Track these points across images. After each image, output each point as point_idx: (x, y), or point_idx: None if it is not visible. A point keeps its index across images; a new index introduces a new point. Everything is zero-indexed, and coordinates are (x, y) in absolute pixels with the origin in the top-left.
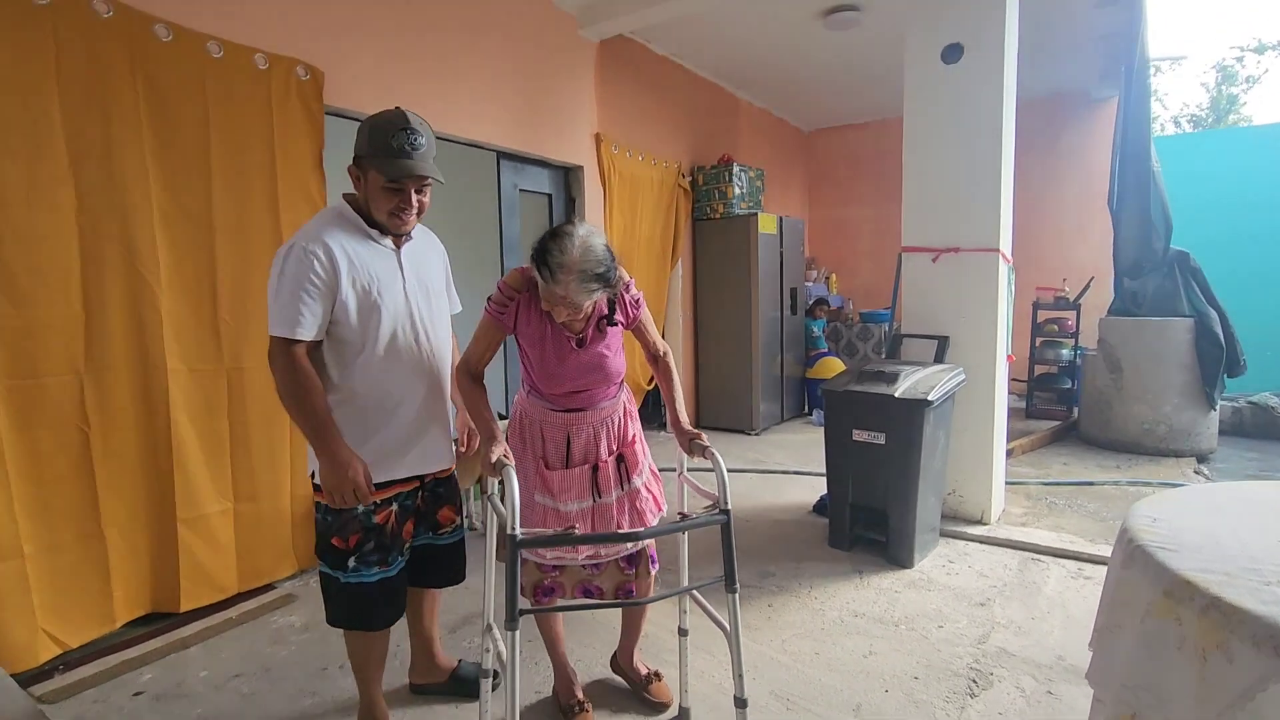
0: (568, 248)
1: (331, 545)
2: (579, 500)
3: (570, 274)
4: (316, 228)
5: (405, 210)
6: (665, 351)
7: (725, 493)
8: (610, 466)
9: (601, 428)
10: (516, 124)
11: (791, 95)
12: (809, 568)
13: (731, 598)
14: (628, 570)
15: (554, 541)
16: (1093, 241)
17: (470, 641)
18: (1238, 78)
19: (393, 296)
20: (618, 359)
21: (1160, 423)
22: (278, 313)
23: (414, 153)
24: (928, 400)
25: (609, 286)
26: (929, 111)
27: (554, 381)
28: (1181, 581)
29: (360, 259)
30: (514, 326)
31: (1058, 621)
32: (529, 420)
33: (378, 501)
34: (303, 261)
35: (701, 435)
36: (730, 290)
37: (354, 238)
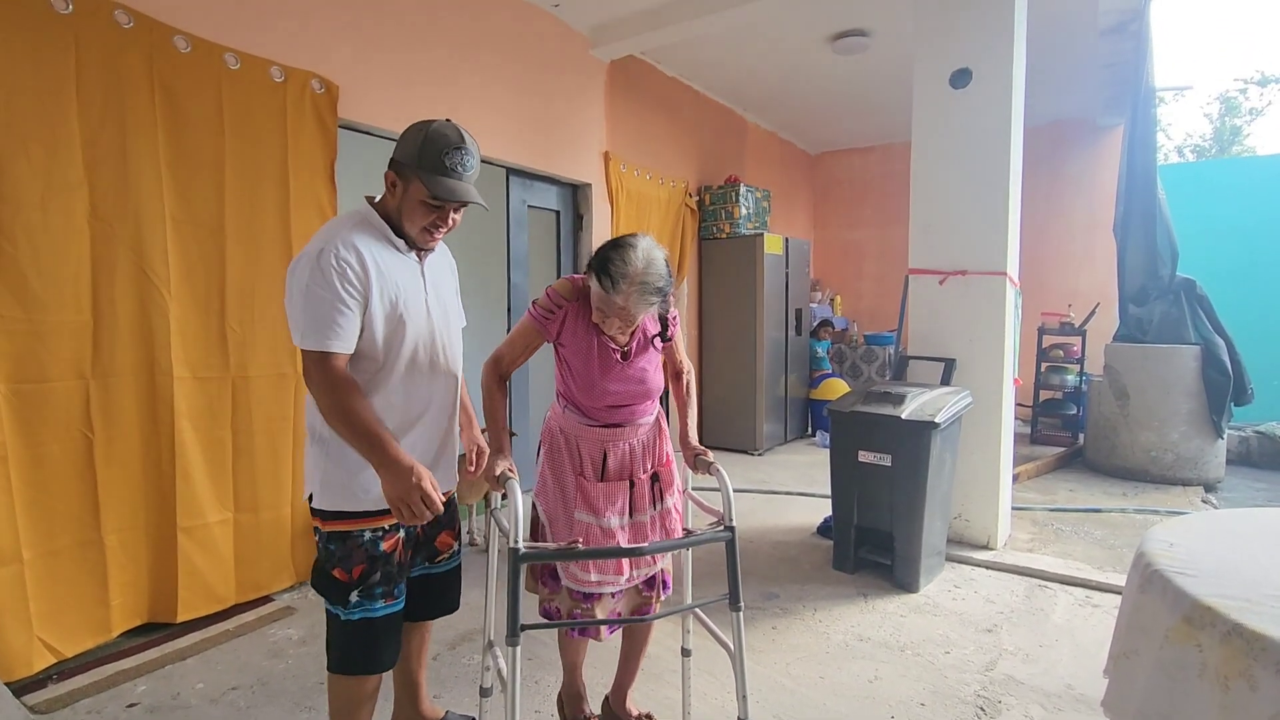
0: (632, 259)
1: (332, 578)
2: (620, 515)
3: (633, 285)
4: (345, 231)
5: (441, 229)
6: (689, 370)
7: (730, 510)
8: (645, 484)
9: (639, 444)
10: (526, 141)
11: (799, 118)
12: (813, 590)
13: (735, 616)
14: (646, 593)
15: (558, 556)
16: (1098, 268)
17: (470, 659)
18: (1241, 109)
19: (416, 310)
20: (658, 375)
21: (1167, 451)
22: (310, 324)
23: (464, 174)
24: (935, 423)
25: (665, 301)
26: (937, 135)
27: (596, 394)
28: (1202, 607)
29: (388, 269)
30: (557, 335)
31: (1066, 650)
32: (565, 435)
33: (385, 527)
34: (336, 268)
35: (707, 452)
36: (735, 310)
37: (381, 245)
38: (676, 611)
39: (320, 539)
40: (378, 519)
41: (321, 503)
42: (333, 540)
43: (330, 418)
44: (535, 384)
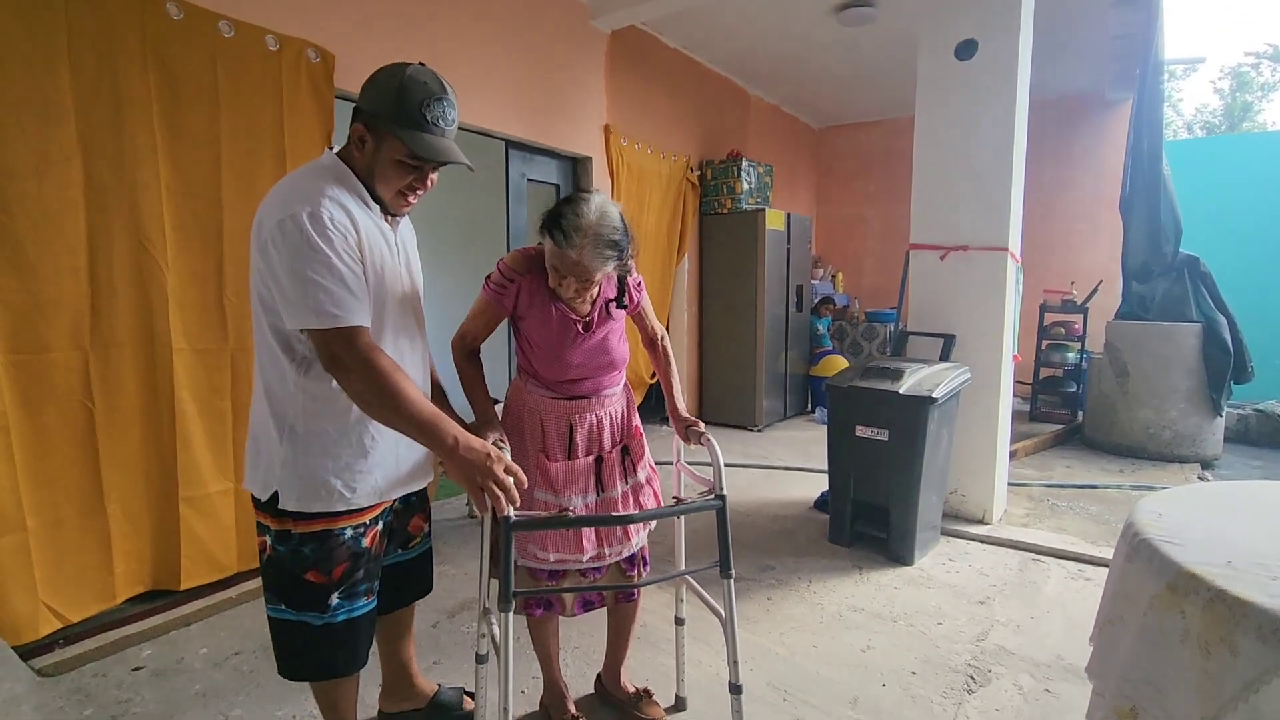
0: (584, 211)
1: (304, 583)
2: (583, 495)
3: (586, 238)
4: (325, 187)
5: (419, 191)
6: (663, 336)
7: (721, 479)
8: (615, 459)
9: (605, 417)
10: (526, 113)
11: (802, 91)
12: (809, 563)
13: (727, 583)
14: (629, 572)
15: (549, 524)
16: (1102, 245)
17: (469, 627)
18: (1253, 84)
19: (394, 281)
20: (622, 345)
21: (1165, 428)
22: (323, 298)
23: (446, 129)
24: (932, 398)
25: (622, 259)
26: (941, 108)
27: (558, 367)
28: (1186, 574)
29: (369, 233)
30: (514, 308)
31: (1057, 621)
32: (528, 410)
33: (368, 521)
34: (334, 230)
35: (699, 423)
36: (736, 286)
37: (358, 206)
38: (668, 579)
39: (283, 542)
40: (360, 514)
41: (293, 505)
42: (307, 542)
43: (373, 405)
44: None
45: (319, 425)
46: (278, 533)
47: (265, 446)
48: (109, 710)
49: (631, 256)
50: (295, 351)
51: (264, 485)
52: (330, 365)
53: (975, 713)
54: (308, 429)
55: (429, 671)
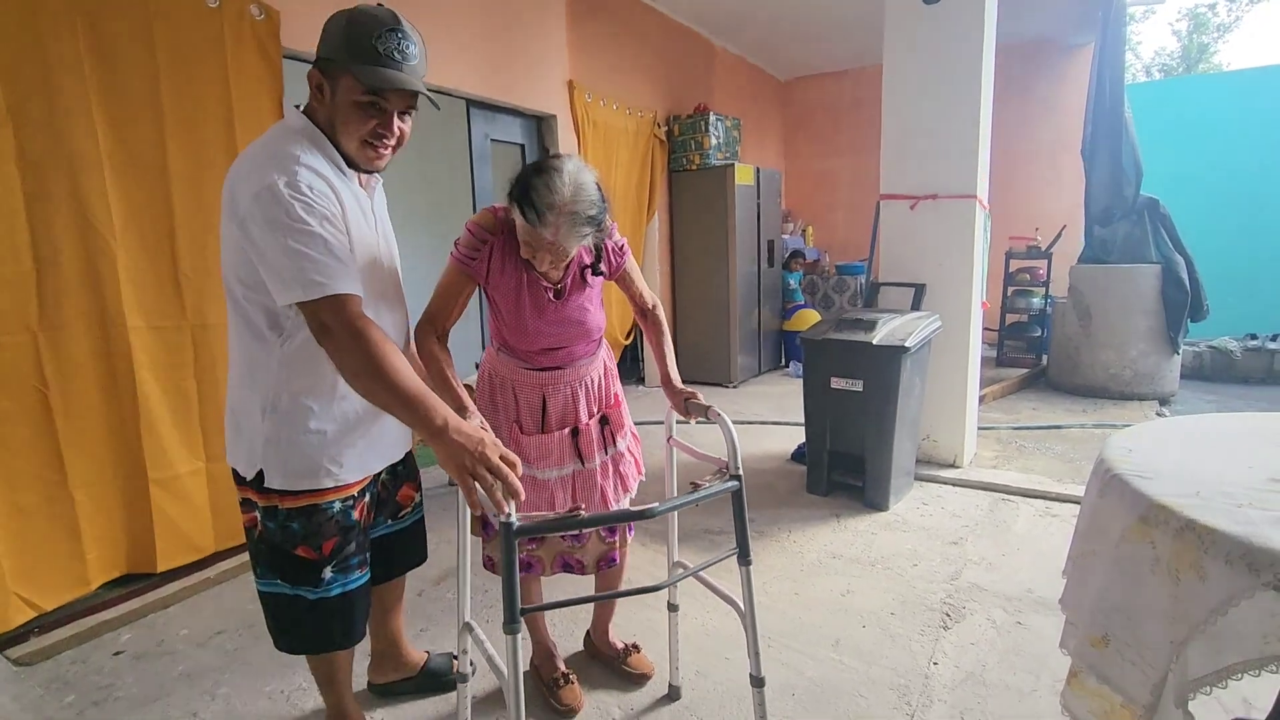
0: (557, 185)
1: (295, 558)
2: (558, 467)
3: (561, 216)
4: (298, 151)
5: (386, 137)
6: (655, 304)
7: (736, 457)
8: (593, 429)
9: (580, 387)
10: (486, 69)
11: (768, 41)
12: (787, 513)
13: (745, 571)
14: (609, 539)
15: (558, 527)
16: (1065, 190)
17: (453, 593)
18: (1210, 25)
19: (369, 251)
20: (598, 313)
21: (1126, 368)
22: (308, 267)
23: (404, 62)
24: (905, 347)
25: (599, 231)
26: (909, 54)
27: (529, 337)
28: (1156, 506)
29: (345, 202)
30: (486, 275)
31: (1027, 557)
32: (499, 380)
33: (355, 494)
34: (313, 198)
35: (698, 394)
36: (708, 243)
37: (334, 171)
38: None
39: (271, 518)
40: (348, 487)
41: (280, 482)
42: (295, 518)
43: (360, 377)
44: None
45: (303, 400)
46: (265, 509)
47: (247, 424)
48: (91, 696)
49: (608, 226)
50: (281, 327)
51: (248, 463)
52: (320, 335)
53: (951, 647)
54: (291, 405)
55: (416, 639)
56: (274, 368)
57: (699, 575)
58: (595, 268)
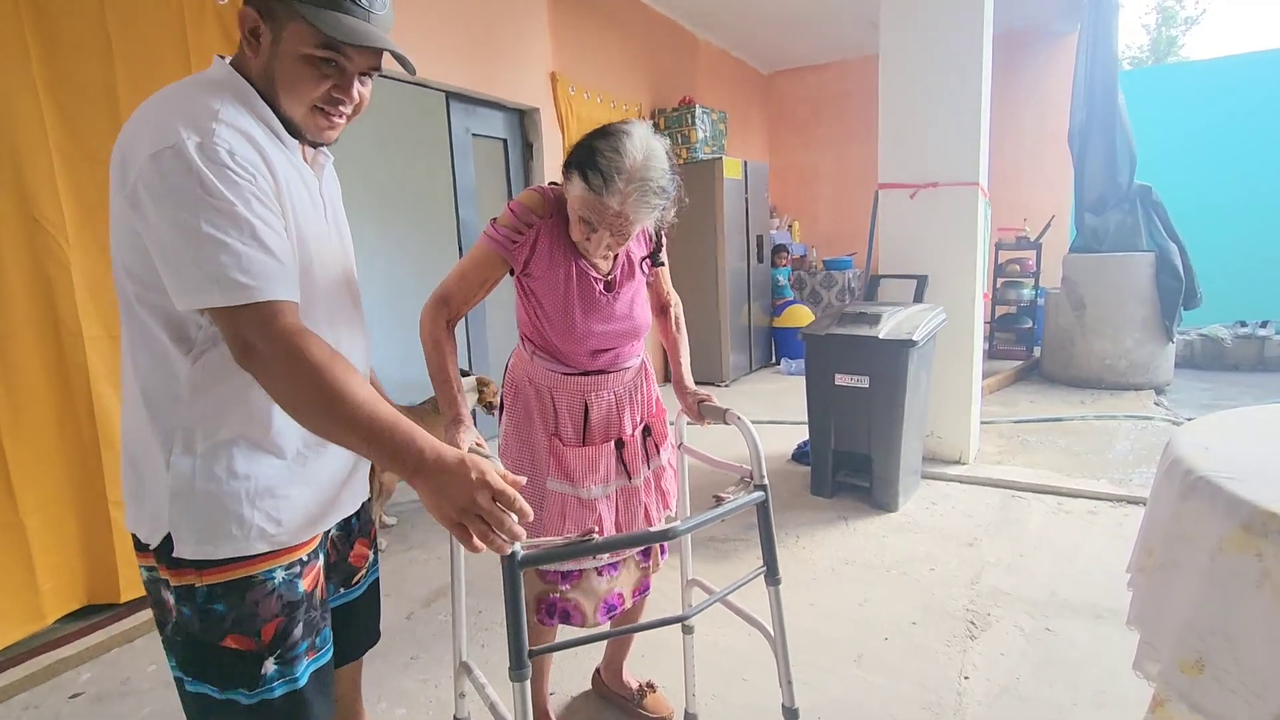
0: (628, 148)
1: (224, 652)
2: (604, 484)
3: (631, 183)
4: (216, 106)
5: (343, 103)
6: (677, 302)
7: (761, 464)
8: (637, 441)
9: (625, 394)
10: (466, 62)
11: (752, 34)
12: (793, 517)
13: (773, 591)
14: (644, 563)
15: (568, 554)
16: (1051, 180)
17: (445, 616)
18: (1177, 19)
19: (321, 247)
20: (645, 309)
21: (1121, 358)
22: (232, 261)
23: (371, 11)
24: (912, 340)
25: (667, 209)
26: (906, 41)
27: (577, 338)
28: (1263, 513)
29: (286, 178)
30: (525, 264)
31: (1046, 557)
32: (535, 389)
33: (304, 557)
34: (237, 166)
35: (712, 397)
36: (695, 238)
37: (270, 141)
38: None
39: (187, 600)
40: (297, 548)
41: (193, 550)
42: (219, 597)
43: (303, 410)
44: (493, 318)
45: (223, 438)
46: (179, 589)
47: (149, 473)
48: None
49: (677, 204)
50: (190, 340)
51: (151, 526)
52: (242, 356)
53: (980, 659)
54: (210, 443)
55: (406, 668)
56: (182, 395)
57: (726, 600)
58: (656, 256)
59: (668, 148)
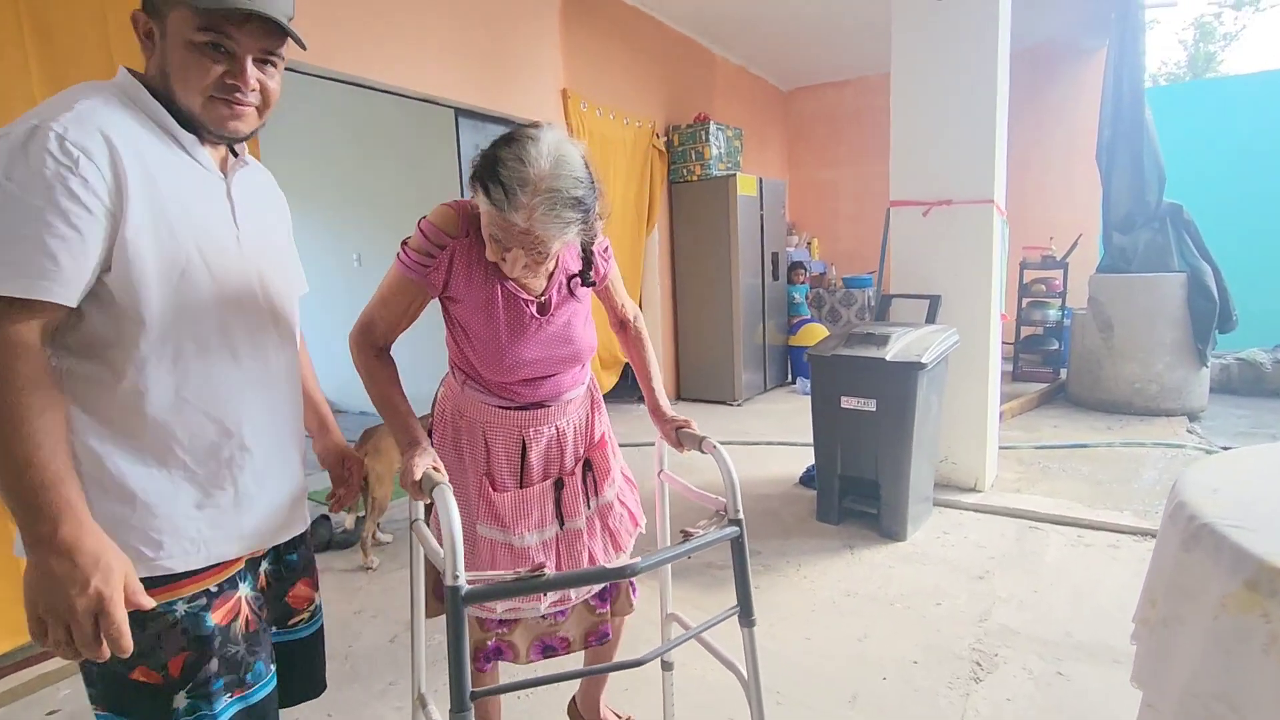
0: (532, 157)
1: (132, 685)
2: (539, 530)
3: (538, 195)
4: (83, 105)
5: (238, 90)
6: (635, 316)
7: (736, 499)
8: (577, 481)
9: (568, 428)
10: (476, 76)
11: (770, 51)
12: (797, 544)
13: (747, 633)
14: (600, 609)
15: (517, 590)
16: (1079, 198)
17: (431, 638)
18: (1215, 34)
19: (220, 254)
20: (588, 330)
21: (1151, 382)
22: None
23: None
24: (921, 363)
25: (588, 222)
26: (919, 55)
27: (506, 366)
28: (1270, 570)
29: (167, 180)
30: (443, 286)
31: (1062, 594)
32: (466, 423)
33: (213, 588)
34: (60, 160)
35: (691, 423)
36: (709, 256)
37: (154, 137)
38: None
39: None
40: (198, 578)
41: None
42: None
43: None
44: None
45: (90, 443)
46: None
47: None
48: None
49: (600, 217)
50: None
51: None
52: None
53: (984, 703)
54: (80, 445)
55: (385, 693)
56: None
57: (700, 637)
58: (585, 276)
59: (584, 153)
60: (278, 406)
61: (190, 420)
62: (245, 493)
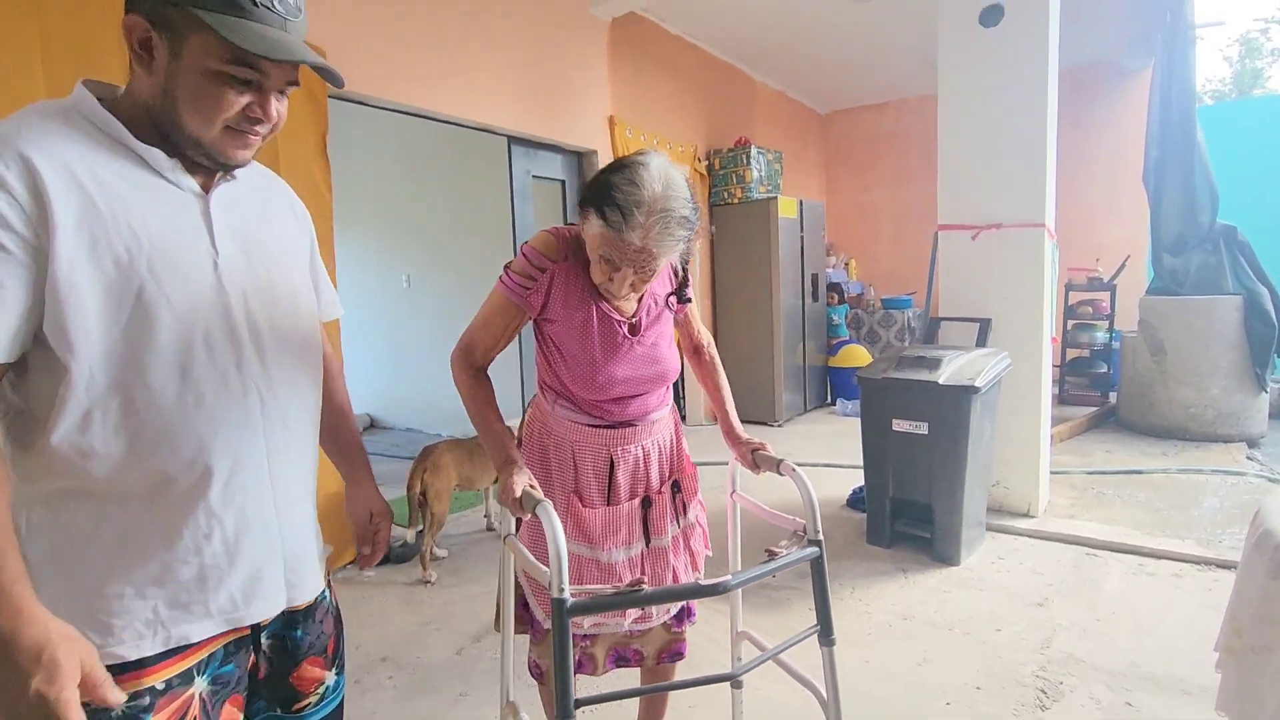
0: (645, 180)
1: None
2: (626, 546)
3: (653, 215)
4: (6, 127)
5: (260, 123)
6: (709, 343)
7: (816, 520)
8: (665, 498)
9: (654, 447)
10: (528, 107)
11: (809, 75)
12: (849, 567)
13: (827, 652)
14: (676, 629)
15: (617, 604)
16: (1125, 219)
17: (494, 652)
18: (1262, 50)
19: (185, 281)
20: (672, 352)
21: (1207, 406)
22: None
23: (286, 19)
24: (975, 387)
25: (690, 240)
26: (966, 79)
27: (600, 384)
28: None
29: (113, 201)
30: (542, 308)
31: (1125, 623)
32: (556, 442)
33: (159, 685)
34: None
35: (766, 445)
36: (750, 277)
37: (101, 156)
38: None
39: None
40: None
41: None
42: None
43: None
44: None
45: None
46: None
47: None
48: None
49: (698, 236)
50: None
51: None
52: None
53: None
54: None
55: (455, 705)
56: None
57: (778, 658)
58: (682, 293)
59: (686, 176)
60: (261, 457)
61: (143, 482)
62: (213, 564)
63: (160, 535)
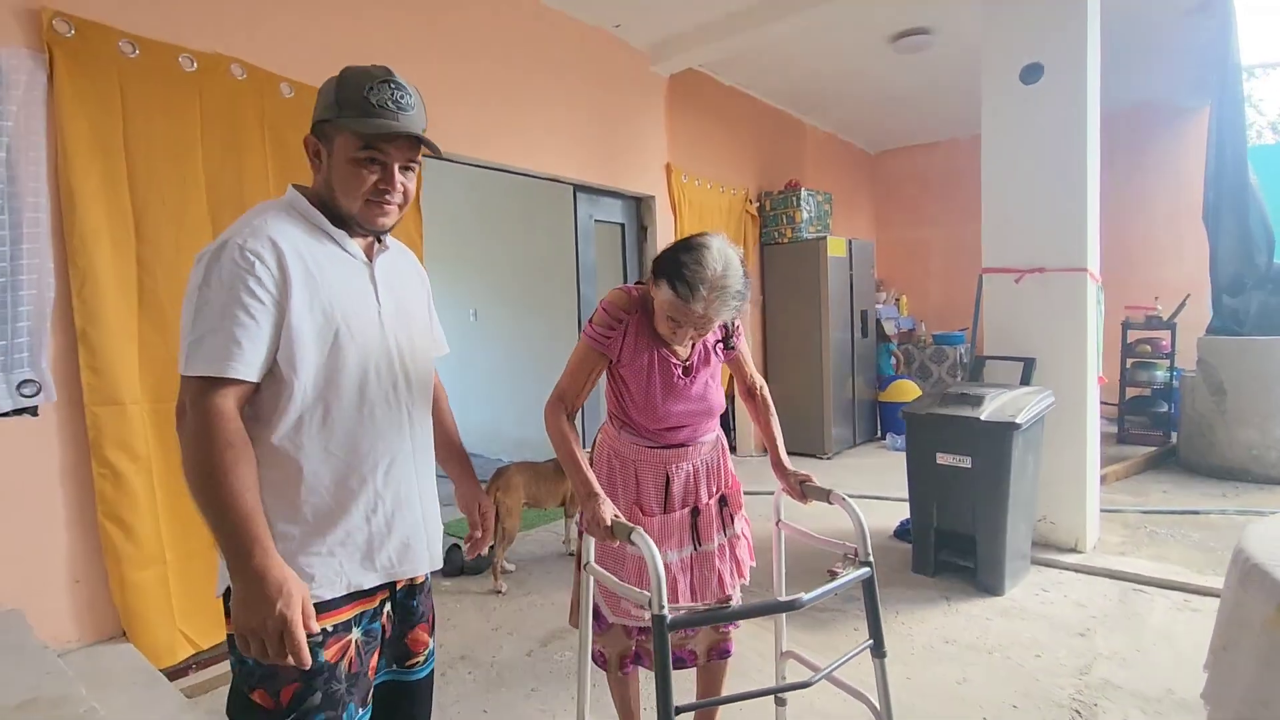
0: (708, 260)
1: (253, 705)
2: (678, 549)
3: (714, 290)
4: (257, 221)
5: (389, 193)
6: (762, 386)
7: (866, 543)
8: (713, 509)
9: (702, 465)
10: (592, 158)
11: (858, 118)
12: (894, 593)
13: (879, 664)
14: (723, 628)
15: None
16: (1187, 258)
17: (560, 655)
18: None
19: (363, 325)
20: (718, 391)
21: (1271, 448)
22: (199, 341)
23: (400, 112)
24: (1016, 423)
25: (742, 307)
26: (1008, 132)
27: (659, 416)
28: None
29: (320, 269)
30: (619, 354)
31: (1166, 654)
32: (620, 460)
33: (329, 627)
34: (240, 265)
35: (812, 477)
36: (800, 314)
37: (311, 238)
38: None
39: (231, 646)
40: (324, 615)
41: None
42: None
43: (191, 478)
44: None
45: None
46: (230, 637)
47: None
48: None
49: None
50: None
51: (221, 577)
52: (178, 419)
53: None
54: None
55: (527, 699)
56: None
57: (832, 677)
58: (729, 341)
59: (740, 255)
60: (408, 456)
61: (334, 470)
62: (378, 531)
63: (342, 510)
